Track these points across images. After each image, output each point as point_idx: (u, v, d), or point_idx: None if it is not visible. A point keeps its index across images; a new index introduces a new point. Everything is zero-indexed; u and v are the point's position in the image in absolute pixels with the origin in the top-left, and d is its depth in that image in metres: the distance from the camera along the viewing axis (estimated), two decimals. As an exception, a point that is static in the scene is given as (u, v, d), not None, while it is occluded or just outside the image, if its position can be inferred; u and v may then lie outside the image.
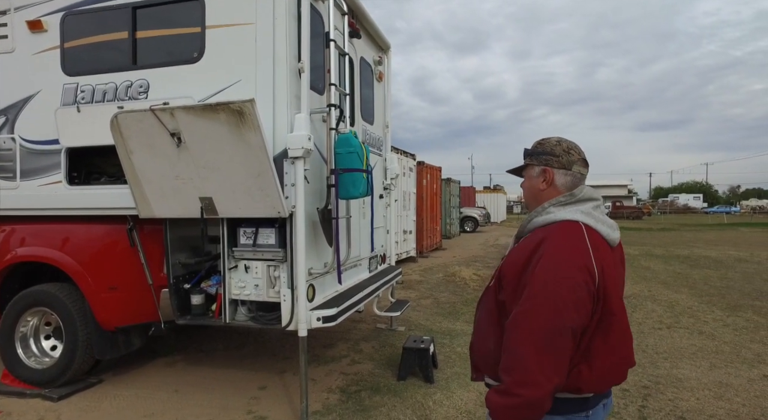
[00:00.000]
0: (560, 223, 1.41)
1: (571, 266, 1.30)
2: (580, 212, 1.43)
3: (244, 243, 3.29)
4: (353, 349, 4.89)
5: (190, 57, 3.32)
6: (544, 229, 1.43)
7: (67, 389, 3.79)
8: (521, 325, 1.30)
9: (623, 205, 44.26)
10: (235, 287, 3.31)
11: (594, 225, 1.42)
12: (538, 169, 1.54)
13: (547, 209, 1.47)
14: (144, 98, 3.43)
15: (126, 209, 3.52)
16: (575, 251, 1.33)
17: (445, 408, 3.54)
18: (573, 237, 1.37)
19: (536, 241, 1.37)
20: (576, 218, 1.41)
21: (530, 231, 1.49)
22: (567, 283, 1.29)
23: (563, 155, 1.52)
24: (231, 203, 3.09)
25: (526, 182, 1.60)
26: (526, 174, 1.60)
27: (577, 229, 1.39)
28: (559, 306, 1.27)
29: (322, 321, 3.21)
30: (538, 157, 1.56)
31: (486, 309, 1.54)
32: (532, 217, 1.50)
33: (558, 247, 1.34)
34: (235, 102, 2.69)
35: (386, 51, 5.36)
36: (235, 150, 2.86)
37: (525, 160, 1.60)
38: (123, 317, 3.73)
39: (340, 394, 3.79)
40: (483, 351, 1.51)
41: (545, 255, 1.32)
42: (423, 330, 5.63)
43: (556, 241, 1.35)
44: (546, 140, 1.57)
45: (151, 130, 2.92)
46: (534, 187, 1.56)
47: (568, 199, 1.47)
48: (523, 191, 1.63)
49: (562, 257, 1.32)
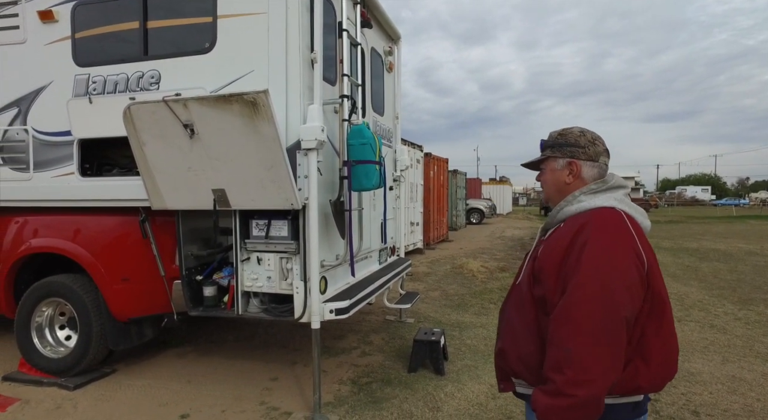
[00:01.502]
0: (597, 210, 1.36)
1: (620, 250, 1.25)
2: (614, 199, 1.39)
3: (256, 235, 3.28)
4: (363, 341, 4.90)
5: (202, 47, 3.29)
6: (581, 215, 1.36)
7: (83, 378, 3.84)
8: (572, 316, 1.22)
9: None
10: (248, 279, 3.32)
11: (629, 211, 1.38)
12: (562, 162, 1.48)
13: (578, 197, 1.42)
14: (156, 89, 3.41)
15: (138, 201, 3.52)
16: (621, 235, 1.28)
17: (457, 400, 3.55)
18: (616, 222, 1.31)
19: (575, 228, 1.31)
20: (612, 205, 1.36)
21: (561, 221, 1.43)
22: (619, 268, 1.22)
23: (589, 146, 1.46)
24: (244, 195, 3.08)
25: (547, 175, 1.52)
26: (547, 167, 1.53)
27: (617, 214, 1.34)
28: (613, 293, 1.20)
29: (335, 313, 3.21)
30: (561, 148, 1.49)
31: (518, 308, 1.46)
32: (562, 207, 1.44)
33: (602, 231, 1.28)
34: (248, 93, 2.66)
35: (396, 41, 5.30)
36: (249, 141, 2.84)
37: (545, 151, 1.52)
38: (136, 308, 3.75)
39: (351, 386, 3.81)
40: (521, 354, 1.42)
41: (591, 240, 1.26)
42: (432, 322, 5.63)
43: (599, 226, 1.29)
44: (568, 131, 1.50)
45: (164, 121, 2.91)
46: (558, 180, 1.49)
47: (600, 187, 1.42)
48: (544, 185, 1.55)
49: (608, 241, 1.26)
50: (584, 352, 1.18)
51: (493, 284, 8.06)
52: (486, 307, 6.44)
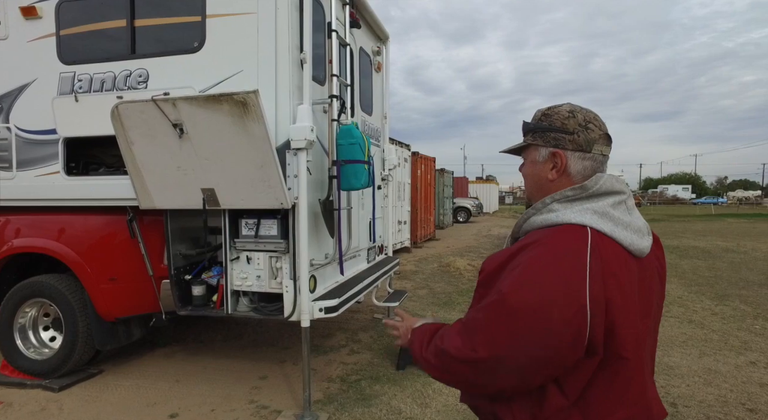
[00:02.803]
0: (560, 228, 1.06)
1: (550, 292, 0.97)
2: (591, 212, 1.06)
3: (245, 234, 3.29)
4: (352, 339, 4.94)
5: (191, 46, 3.28)
6: (539, 233, 1.08)
7: (68, 379, 3.80)
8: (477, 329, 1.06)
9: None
10: (237, 278, 3.32)
11: (610, 231, 1.04)
12: (545, 152, 1.16)
13: (549, 206, 1.11)
14: (144, 88, 3.39)
15: (126, 200, 3.50)
16: (563, 273, 0.98)
17: (444, 396, 3.61)
18: (568, 250, 1.01)
19: (519, 245, 1.08)
20: (585, 222, 1.04)
21: (526, 233, 1.15)
22: (536, 315, 0.97)
23: (579, 132, 1.12)
24: (233, 194, 3.09)
25: (528, 168, 1.22)
26: (527, 157, 1.22)
27: (578, 240, 1.02)
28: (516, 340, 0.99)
29: (324, 312, 3.24)
30: (543, 134, 1.16)
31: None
32: (530, 215, 1.15)
33: (540, 260, 1.01)
34: (238, 93, 2.68)
35: (385, 41, 5.33)
36: (238, 141, 2.85)
37: (526, 137, 1.21)
38: (123, 308, 3.73)
39: (340, 384, 3.84)
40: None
41: (520, 266, 1.01)
42: (420, 320, 5.69)
43: (545, 250, 1.02)
44: (554, 111, 1.16)
45: (152, 120, 2.90)
46: (539, 175, 1.18)
47: (577, 194, 1.09)
48: (525, 180, 1.26)
49: (540, 275, 0.99)
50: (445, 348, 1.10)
51: (479, 282, 8.15)
52: (473, 305, 6.53)
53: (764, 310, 6.20)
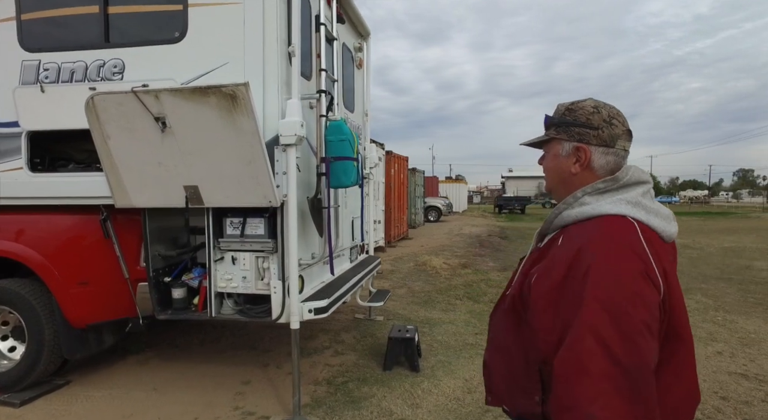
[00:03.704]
0: (601, 220, 1.07)
1: (632, 277, 0.97)
2: (625, 203, 1.08)
3: (230, 233, 3.15)
4: (335, 340, 4.85)
5: (171, 37, 3.11)
6: (581, 230, 1.08)
7: (31, 393, 3.53)
8: (588, 370, 0.92)
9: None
10: (221, 280, 3.18)
11: (645, 219, 1.07)
12: (568, 147, 1.17)
13: (581, 199, 1.13)
14: (119, 79, 3.19)
15: (99, 198, 3.29)
16: (631, 257, 0.99)
17: (434, 396, 3.58)
18: (625, 238, 1.03)
19: (572, 251, 1.03)
20: (622, 212, 1.07)
21: (559, 228, 1.16)
22: (634, 303, 0.94)
23: (604, 127, 1.14)
24: (218, 192, 2.95)
25: (549, 162, 1.23)
26: (549, 150, 1.23)
27: (628, 226, 1.05)
28: (635, 334, 0.93)
29: (314, 313, 3.15)
30: (568, 129, 1.17)
31: (503, 322, 1.25)
32: (561, 210, 1.16)
33: (608, 254, 1.00)
34: (227, 85, 2.55)
35: (366, 37, 5.27)
36: (226, 136, 2.72)
37: (549, 131, 1.22)
38: (95, 314, 3.50)
39: (327, 386, 3.75)
40: (503, 375, 1.23)
41: (593, 270, 0.98)
42: (401, 319, 5.66)
43: (604, 247, 1.01)
44: (579, 106, 1.17)
45: (132, 113, 2.73)
46: (562, 169, 1.19)
47: (609, 186, 1.12)
48: (546, 172, 1.26)
49: (618, 267, 0.98)
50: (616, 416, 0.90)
51: (456, 280, 8.21)
52: (452, 303, 6.55)
53: (724, 302, 6.53)
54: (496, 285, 7.74)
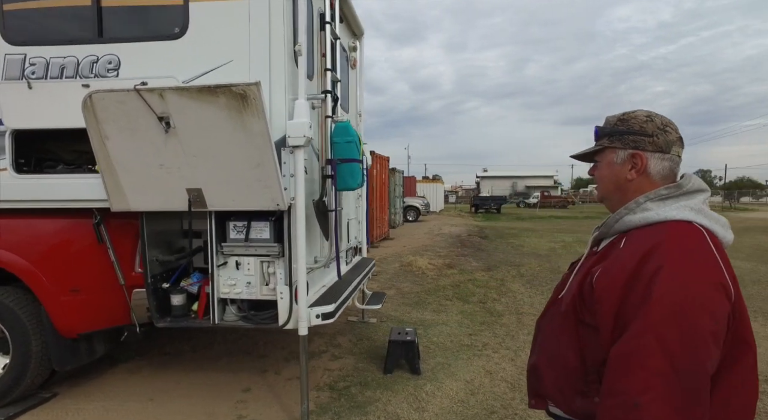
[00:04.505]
0: (668, 225, 1.09)
1: (704, 284, 0.98)
2: (689, 209, 1.10)
3: (234, 238, 3.05)
4: (331, 344, 4.78)
5: (171, 32, 2.98)
6: (648, 230, 1.10)
7: (16, 408, 3.32)
8: (645, 364, 0.95)
9: (551, 195, 47.38)
10: (225, 285, 3.08)
11: (709, 225, 1.10)
12: (623, 154, 1.20)
13: (643, 205, 1.14)
14: (114, 76, 3.04)
15: (91, 201, 3.13)
16: (704, 264, 1.01)
17: (439, 398, 3.57)
18: (696, 244, 1.05)
19: (642, 251, 1.05)
20: (688, 218, 1.09)
21: (619, 232, 1.18)
22: (703, 309, 0.96)
23: (658, 134, 1.17)
24: (224, 195, 2.84)
25: (604, 170, 1.25)
26: (603, 159, 1.26)
27: (697, 232, 1.07)
28: (697, 340, 0.95)
29: (322, 318, 3.09)
30: (622, 137, 1.21)
31: (557, 327, 1.25)
32: (622, 215, 1.17)
33: (680, 258, 1.01)
34: (238, 84, 2.45)
35: (360, 37, 5.22)
36: (234, 137, 2.62)
37: (601, 140, 1.26)
38: (88, 322, 3.33)
39: (329, 392, 3.69)
40: (557, 379, 1.23)
41: (665, 268, 0.99)
42: (394, 321, 5.64)
43: (676, 251, 1.02)
44: (632, 115, 1.22)
45: (134, 112, 2.59)
46: (618, 176, 1.22)
47: (672, 192, 1.14)
48: (599, 181, 1.28)
49: (690, 272, 0.99)
50: (667, 415, 0.93)
51: (444, 281, 8.24)
52: (443, 304, 6.57)
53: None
54: (483, 285, 7.82)
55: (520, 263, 9.97)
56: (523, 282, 8.07)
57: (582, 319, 1.16)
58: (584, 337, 1.16)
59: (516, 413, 3.32)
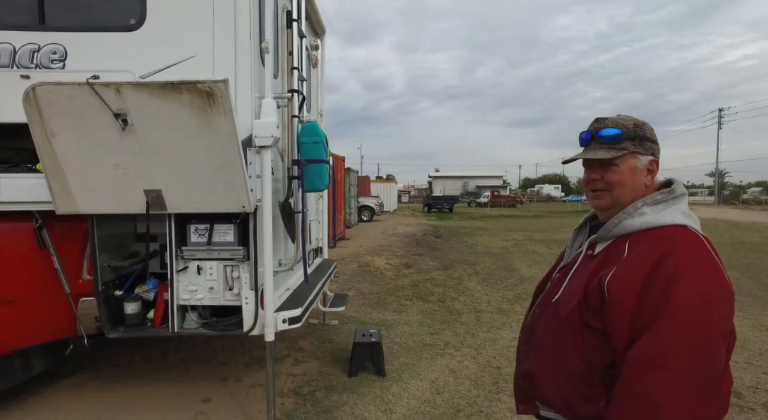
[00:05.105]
0: (670, 230, 1.14)
1: (718, 289, 1.05)
2: (680, 213, 1.16)
3: (196, 241, 2.91)
4: (293, 348, 4.68)
5: (126, 23, 2.79)
6: (653, 238, 1.13)
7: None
8: (666, 366, 0.99)
9: (501, 195, 49.01)
10: (185, 291, 2.92)
11: (696, 228, 1.16)
12: (645, 160, 1.22)
13: (640, 209, 1.18)
14: (60, 68, 2.80)
15: (32, 204, 2.87)
16: (714, 269, 1.08)
17: (406, 399, 3.59)
18: (701, 249, 1.10)
19: (656, 256, 1.08)
20: (683, 222, 1.15)
21: (617, 236, 1.20)
22: (717, 312, 1.03)
23: (657, 142, 1.25)
24: (185, 197, 2.70)
25: (626, 175, 1.22)
26: (624, 164, 1.22)
27: (697, 238, 1.13)
28: (712, 343, 1.01)
29: (288, 323, 3.01)
30: (643, 143, 1.22)
31: (557, 331, 1.24)
32: (621, 219, 1.19)
33: (693, 262, 1.07)
34: (204, 81, 2.33)
35: (322, 35, 5.14)
36: (198, 137, 2.49)
37: (624, 144, 1.22)
38: (24, 337, 3.03)
39: (294, 397, 3.60)
40: (559, 384, 1.22)
41: (682, 275, 1.03)
42: (356, 322, 5.61)
43: (687, 256, 1.08)
44: (640, 122, 1.24)
45: (85, 108, 2.40)
46: (638, 181, 1.22)
47: (665, 197, 1.19)
48: (617, 186, 1.23)
49: (705, 277, 1.05)
50: (684, 413, 0.98)
51: (402, 281, 8.31)
52: (403, 304, 6.61)
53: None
54: (441, 284, 7.96)
55: (475, 262, 10.24)
56: (479, 280, 8.30)
57: (587, 323, 1.16)
58: (589, 341, 1.16)
59: (481, 410, 3.40)
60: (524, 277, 8.51)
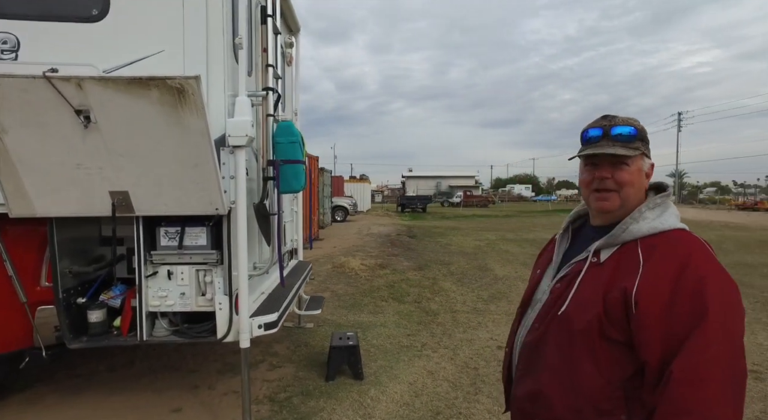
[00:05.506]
0: (673, 233, 1.15)
1: (736, 291, 1.08)
2: (675, 217, 1.19)
3: (165, 245, 2.77)
4: (267, 353, 4.55)
5: (88, 14, 2.62)
6: (666, 242, 1.13)
7: None
8: (710, 377, 0.99)
9: (473, 195, 49.69)
10: (154, 297, 2.78)
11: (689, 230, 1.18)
12: (648, 164, 1.22)
13: (644, 214, 1.18)
14: (12, 59, 2.61)
15: (-18, 206, 2.66)
16: (725, 270, 1.09)
17: (384, 403, 3.54)
18: (710, 252, 1.12)
19: (677, 262, 1.08)
20: (680, 226, 1.17)
21: (624, 242, 1.18)
22: (740, 312, 1.06)
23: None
24: (154, 198, 2.56)
25: (635, 176, 1.20)
26: (633, 164, 1.20)
27: (700, 240, 1.14)
28: (739, 346, 1.03)
29: (264, 328, 2.91)
30: (648, 146, 1.22)
31: (569, 347, 1.17)
32: (628, 224, 1.17)
33: (712, 266, 1.08)
34: (174, 78, 2.21)
35: (296, 33, 5.03)
36: (168, 136, 2.36)
37: (635, 144, 1.20)
38: (-26, 348, 2.83)
39: (270, 404, 3.50)
40: (575, 402, 1.16)
41: (709, 280, 1.05)
42: (332, 325, 5.53)
43: (704, 259, 1.09)
44: (639, 124, 1.23)
45: (43, 103, 2.23)
46: (642, 183, 1.22)
47: (663, 201, 1.20)
48: (625, 186, 1.20)
49: (724, 279, 1.07)
50: (736, 418, 1.00)
51: (377, 282, 8.26)
52: (379, 306, 6.57)
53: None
54: (417, 284, 7.96)
55: (450, 262, 10.30)
56: (454, 280, 8.34)
57: (608, 336, 1.11)
58: (608, 354, 1.12)
59: (460, 412, 3.39)
60: (498, 276, 8.62)
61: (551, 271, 1.36)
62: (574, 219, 1.43)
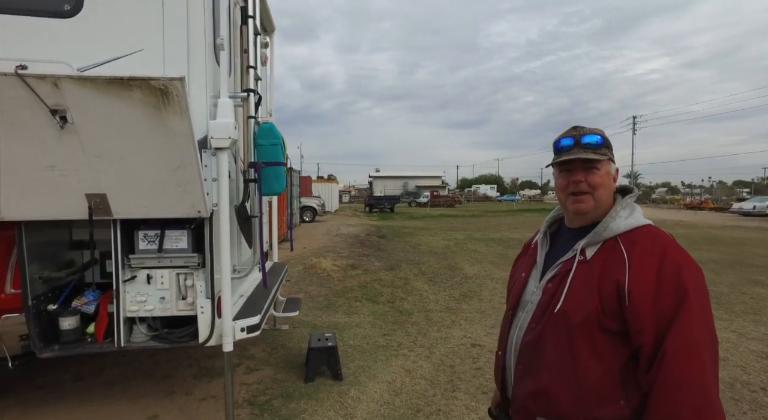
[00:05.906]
0: (646, 229, 1.29)
1: (702, 274, 1.21)
2: (641, 214, 1.32)
3: (144, 248, 2.70)
4: (244, 356, 4.50)
5: (60, 9, 2.52)
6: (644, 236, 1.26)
7: None
8: (698, 350, 1.12)
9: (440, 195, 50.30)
10: (133, 302, 2.71)
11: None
12: (614, 168, 1.37)
13: (619, 212, 1.30)
14: (-24, 55, 2.47)
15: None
16: (692, 257, 1.25)
17: (365, 403, 3.58)
18: (676, 242, 1.27)
19: (657, 254, 1.20)
20: (647, 222, 1.31)
21: (605, 240, 1.28)
22: (707, 292, 1.21)
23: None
24: (133, 201, 2.50)
25: (605, 178, 1.32)
26: (602, 168, 1.32)
27: (665, 233, 1.29)
28: (712, 319, 1.18)
29: (247, 331, 2.88)
30: (611, 151, 1.36)
31: (570, 343, 1.24)
32: (608, 223, 1.29)
33: (683, 253, 1.23)
34: (158, 78, 2.16)
35: (271, 33, 4.99)
36: (150, 137, 2.31)
37: (604, 150, 1.33)
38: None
39: (250, 408, 3.46)
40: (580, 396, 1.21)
41: (683, 266, 1.19)
42: (307, 326, 5.51)
43: (677, 248, 1.23)
44: (602, 131, 1.36)
45: (13, 102, 2.13)
46: (611, 186, 1.35)
47: (632, 201, 1.35)
48: (598, 189, 1.32)
49: (696, 266, 1.21)
50: (715, 390, 1.12)
51: (350, 282, 8.27)
52: (353, 306, 6.59)
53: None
54: (389, 284, 8.02)
55: (420, 261, 10.43)
56: (426, 280, 8.46)
57: (606, 328, 1.19)
58: (606, 345, 1.20)
59: (440, 409, 3.47)
60: (468, 275, 8.81)
61: (536, 273, 1.44)
62: (551, 223, 1.55)
